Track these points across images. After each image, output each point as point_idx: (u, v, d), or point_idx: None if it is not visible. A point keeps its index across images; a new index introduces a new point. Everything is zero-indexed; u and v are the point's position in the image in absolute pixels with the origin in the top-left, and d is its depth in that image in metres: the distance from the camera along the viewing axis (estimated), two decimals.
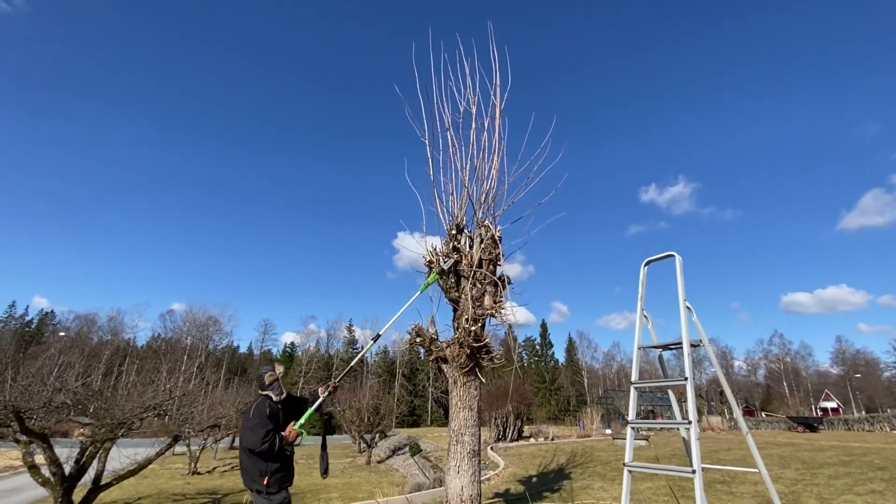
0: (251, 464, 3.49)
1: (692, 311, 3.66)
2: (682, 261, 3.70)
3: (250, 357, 77.44)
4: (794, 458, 11.48)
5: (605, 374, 73.10)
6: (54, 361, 10.65)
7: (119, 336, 66.78)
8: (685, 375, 3.32)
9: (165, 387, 9.96)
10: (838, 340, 67.92)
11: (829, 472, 9.18)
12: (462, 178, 5.34)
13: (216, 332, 69.05)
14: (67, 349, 13.53)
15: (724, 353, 70.55)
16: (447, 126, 5.48)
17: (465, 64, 5.71)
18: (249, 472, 3.51)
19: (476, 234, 5.28)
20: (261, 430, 3.45)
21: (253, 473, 3.48)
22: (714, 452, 13.83)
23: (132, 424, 8.33)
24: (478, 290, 4.97)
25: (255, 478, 3.46)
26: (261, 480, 3.43)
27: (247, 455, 3.51)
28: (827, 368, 67.60)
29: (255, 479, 3.46)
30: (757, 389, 68.17)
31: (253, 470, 3.48)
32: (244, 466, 3.57)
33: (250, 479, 3.51)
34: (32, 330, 63.11)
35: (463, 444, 4.52)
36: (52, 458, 7.19)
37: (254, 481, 3.47)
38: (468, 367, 4.71)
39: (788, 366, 66.25)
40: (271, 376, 3.70)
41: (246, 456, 3.52)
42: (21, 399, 7.36)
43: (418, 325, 5.07)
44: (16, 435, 7.29)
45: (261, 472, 3.44)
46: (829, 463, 10.43)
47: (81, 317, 65.75)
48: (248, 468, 3.53)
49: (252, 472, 3.48)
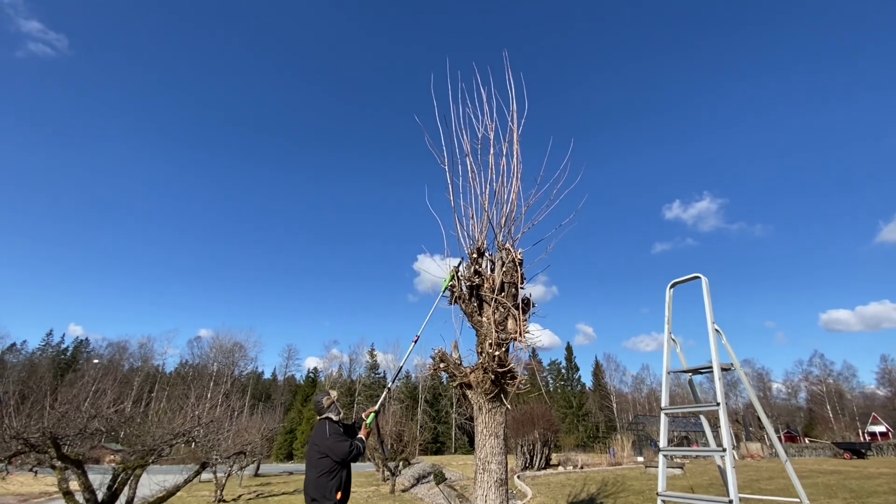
0: (324, 482, 3.87)
1: (721, 334, 3.57)
2: (708, 282, 3.64)
3: (274, 383, 78.02)
4: (840, 487, 10.79)
5: (634, 399, 70.49)
6: (89, 388, 10.98)
7: (149, 363, 68.46)
8: (717, 401, 3.22)
9: (193, 413, 10.12)
10: (883, 360, 63.88)
11: (880, 501, 8.63)
12: (482, 202, 5.42)
13: (241, 358, 70.13)
14: (101, 376, 13.93)
15: (761, 376, 67.41)
16: (466, 152, 5.61)
17: (483, 91, 5.87)
18: (321, 490, 3.85)
19: (497, 258, 5.30)
20: (344, 442, 3.98)
21: (326, 490, 3.84)
22: (754, 482, 13.08)
23: (162, 451, 8.46)
24: (500, 314, 4.96)
25: (327, 494, 3.83)
26: (334, 496, 3.83)
27: (317, 475, 3.89)
28: (873, 390, 63.62)
29: (328, 495, 3.83)
30: (799, 413, 64.55)
31: (326, 487, 3.85)
32: (313, 485, 3.91)
33: (322, 496, 3.84)
34: (68, 357, 65.32)
35: (490, 473, 4.44)
36: (86, 485, 7.33)
37: (326, 498, 3.83)
38: (493, 392, 4.66)
39: (831, 387, 62.63)
40: (328, 400, 4.24)
41: (315, 476, 3.90)
42: (58, 426, 7.59)
43: (441, 350, 5.07)
44: (52, 461, 7.49)
45: (334, 488, 3.86)
46: (878, 491, 9.79)
47: (114, 344, 67.91)
48: (319, 486, 3.87)
49: (325, 490, 3.85)
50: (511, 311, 4.98)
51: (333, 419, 4.15)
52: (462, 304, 5.18)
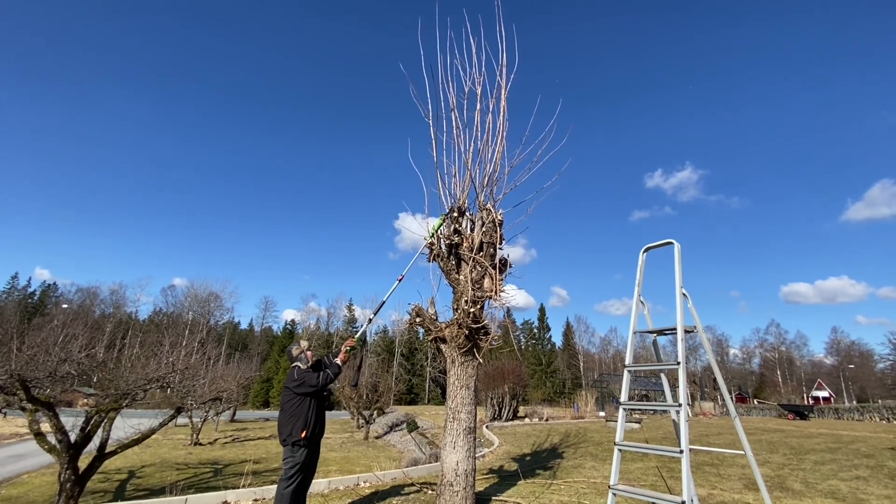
0: (290, 422, 4.12)
1: (688, 298, 3.71)
2: (680, 248, 3.73)
3: (251, 333, 78.28)
4: (782, 444, 11.73)
5: (601, 359, 73.96)
6: (58, 332, 10.78)
7: (121, 309, 67.44)
8: (678, 360, 3.39)
9: (168, 360, 10.10)
10: (834, 331, 68.63)
11: (816, 457, 9.38)
12: (465, 160, 5.33)
13: (217, 308, 69.74)
14: (71, 321, 13.68)
15: (720, 341, 71.23)
16: (452, 107, 5.43)
17: (472, 42, 5.60)
18: (287, 428, 4.12)
19: (478, 218, 5.30)
20: (312, 375, 4.25)
21: (292, 429, 4.10)
22: (704, 436, 14.12)
23: (136, 395, 8.48)
24: (478, 273, 5.02)
25: (293, 432, 4.08)
26: (299, 434, 4.07)
27: (286, 417, 4.17)
28: (821, 358, 68.47)
29: (293, 432, 4.07)
30: (751, 377, 69.03)
31: (292, 426, 4.11)
32: (282, 425, 4.18)
33: (289, 433, 4.09)
34: (35, 301, 63.71)
35: (459, 421, 4.64)
36: (58, 427, 7.34)
37: (291, 436, 4.08)
38: (466, 347, 4.79)
39: (783, 355, 66.94)
40: (297, 350, 4.53)
41: (285, 418, 4.17)
42: (26, 368, 7.49)
43: (418, 305, 5.14)
44: (22, 403, 7.43)
45: (300, 427, 4.09)
46: (816, 449, 10.65)
47: (84, 290, 66.35)
48: (286, 425, 4.14)
49: (291, 428, 4.10)
50: (488, 271, 5.04)
51: (302, 368, 4.39)
52: (440, 262, 5.21)
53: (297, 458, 4.08)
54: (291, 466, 4.07)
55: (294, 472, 4.06)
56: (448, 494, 4.43)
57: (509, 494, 5.91)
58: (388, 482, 7.01)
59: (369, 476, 7.23)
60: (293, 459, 4.08)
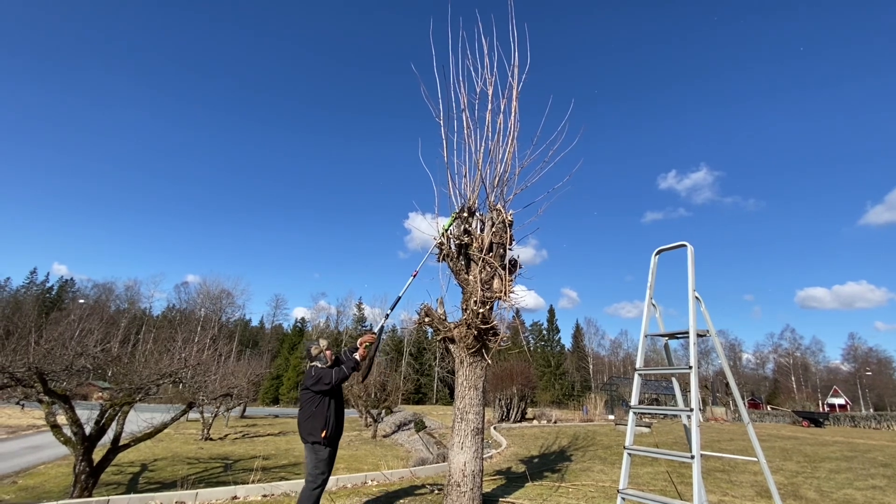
0: (310, 422, 4.11)
1: (701, 302, 3.66)
2: (693, 251, 3.68)
3: (262, 330, 79.06)
4: (796, 451, 11.51)
5: (610, 362, 73.32)
6: (75, 327, 11.02)
7: (135, 305, 68.58)
8: (690, 364, 3.34)
9: (181, 355, 10.28)
10: (851, 337, 67.13)
11: (831, 466, 9.19)
12: (476, 160, 5.32)
13: (229, 305, 70.60)
14: (87, 316, 13.98)
15: (733, 346, 70.19)
16: (462, 107, 5.43)
17: (484, 42, 5.60)
18: (308, 428, 4.11)
19: (487, 218, 5.29)
20: (328, 372, 4.20)
21: (312, 429, 4.09)
22: (716, 442, 13.91)
23: (149, 390, 8.64)
24: (487, 274, 5.01)
25: (313, 432, 4.07)
26: (319, 434, 4.05)
27: (305, 416, 4.16)
28: (837, 365, 67.12)
29: (314, 433, 4.06)
30: (764, 383, 67.93)
31: (312, 426, 4.09)
32: (302, 426, 4.17)
33: (309, 433, 4.10)
34: (53, 296, 65.05)
35: (467, 422, 4.63)
36: (74, 419, 7.51)
37: (312, 435, 4.07)
38: (475, 347, 4.78)
39: (798, 360, 65.72)
40: (316, 349, 4.43)
41: (304, 418, 4.16)
42: (44, 362, 7.67)
43: (427, 305, 5.14)
44: (39, 395, 7.62)
45: (319, 427, 4.08)
46: (831, 457, 10.43)
47: (100, 285, 67.60)
48: (306, 426, 4.13)
49: (311, 428, 4.10)
50: (498, 272, 5.03)
51: (320, 367, 4.31)
52: (450, 262, 5.21)
53: (319, 456, 4.07)
54: (315, 466, 4.04)
55: (319, 472, 4.04)
56: (455, 495, 4.42)
57: (517, 496, 5.88)
58: (396, 481, 7.03)
59: (377, 475, 7.25)
60: (316, 458, 4.06)
